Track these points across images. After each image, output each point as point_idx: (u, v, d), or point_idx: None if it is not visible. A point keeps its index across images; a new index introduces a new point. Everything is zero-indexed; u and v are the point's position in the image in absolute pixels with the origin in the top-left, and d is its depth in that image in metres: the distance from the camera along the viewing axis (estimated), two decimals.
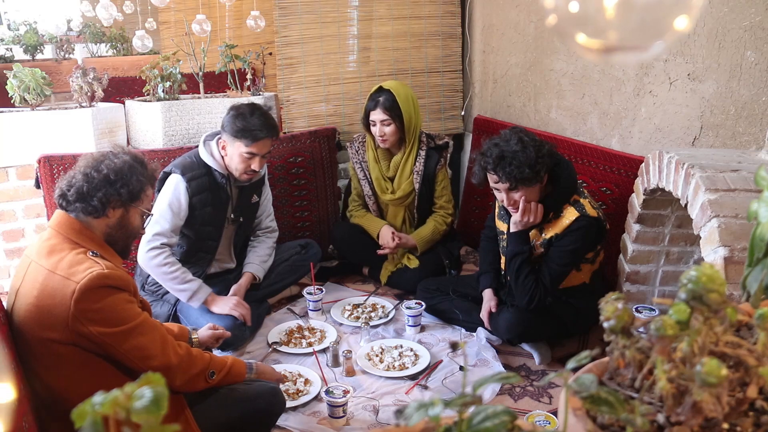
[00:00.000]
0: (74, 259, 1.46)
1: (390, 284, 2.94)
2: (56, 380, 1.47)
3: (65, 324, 1.41)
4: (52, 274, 1.44)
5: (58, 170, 2.65)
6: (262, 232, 2.75)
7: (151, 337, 1.51)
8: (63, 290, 1.41)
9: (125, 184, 1.57)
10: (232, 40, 3.39)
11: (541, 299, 2.16)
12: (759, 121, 1.88)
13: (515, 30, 3.22)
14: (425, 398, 1.35)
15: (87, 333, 1.42)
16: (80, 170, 1.57)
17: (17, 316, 1.48)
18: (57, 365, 1.46)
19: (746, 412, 0.58)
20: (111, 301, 1.45)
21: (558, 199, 2.14)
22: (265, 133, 2.36)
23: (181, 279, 2.31)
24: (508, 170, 2.03)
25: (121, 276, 1.48)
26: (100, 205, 1.54)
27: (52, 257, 1.47)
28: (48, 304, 1.42)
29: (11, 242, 2.95)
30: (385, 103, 2.78)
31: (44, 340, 1.44)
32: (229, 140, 2.38)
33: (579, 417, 0.57)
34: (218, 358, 1.70)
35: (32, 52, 4.75)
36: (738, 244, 1.42)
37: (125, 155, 1.62)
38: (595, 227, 2.12)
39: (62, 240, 1.51)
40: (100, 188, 1.54)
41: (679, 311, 0.57)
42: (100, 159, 1.60)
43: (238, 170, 2.41)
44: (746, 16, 1.89)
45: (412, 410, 0.50)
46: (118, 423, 0.41)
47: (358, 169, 3.01)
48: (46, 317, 1.42)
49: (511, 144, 2.04)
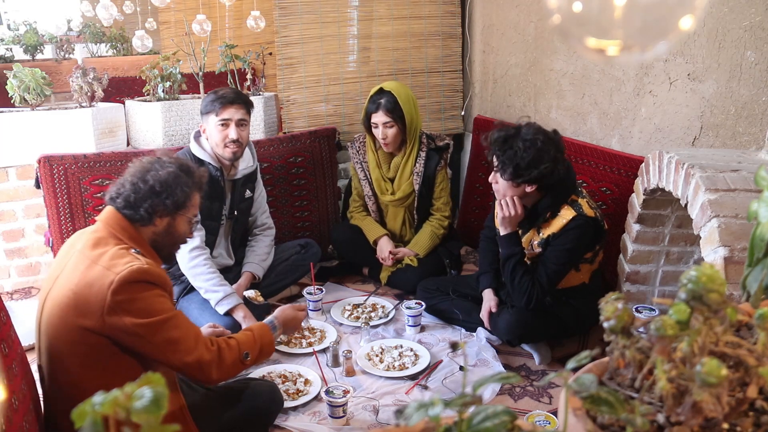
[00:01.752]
0: (117, 253, 1.50)
1: (390, 284, 2.94)
2: (82, 369, 1.48)
3: (100, 314, 1.43)
4: (94, 264, 1.47)
5: (58, 170, 2.65)
6: (259, 230, 2.75)
7: (184, 331, 1.52)
8: (102, 280, 1.44)
9: (170, 195, 1.60)
10: (232, 40, 3.39)
11: (539, 299, 2.16)
12: (759, 121, 1.88)
13: (515, 30, 3.22)
14: (425, 398, 1.35)
15: (121, 324, 1.44)
16: (128, 179, 1.62)
17: (53, 302, 1.50)
18: (86, 354, 1.48)
19: (746, 412, 0.58)
20: (146, 295, 1.47)
21: (556, 199, 2.14)
22: (233, 97, 2.42)
23: (216, 282, 2.34)
24: (501, 158, 2.07)
25: (159, 274, 1.52)
26: (146, 215, 1.59)
27: (96, 249, 1.51)
28: (86, 292, 1.45)
29: (11, 242, 2.95)
30: (386, 105, 2.77)
31: (78, 327, 1.46)
32: (205, 119, 2.44)
33: (579, 417, 0.57)
34: (245, 337, 1.69)
35: (32, 52, 4.75)
36: (738, 244, 1.42)
37: (171, 165, 1.64)
38: (591, 227, 2.12)
39: (108, 235, 1.55)
40: (146, 199, 1.58)
41: (679, 311, 0.57)
42: (147, 168, 1.63)
43: (219, 145, 2.43)
44: (746, 16, 1.89)
45: (412, 410, 0.50)
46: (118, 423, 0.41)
47: (359, 169, 3.01)
48: (82, 304, 1.45)
49: (523, 136, 2.05)
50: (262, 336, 1.72)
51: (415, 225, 3.03)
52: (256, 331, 1.73)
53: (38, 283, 3.04)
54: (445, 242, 3.00)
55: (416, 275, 2.81)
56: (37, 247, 2.99)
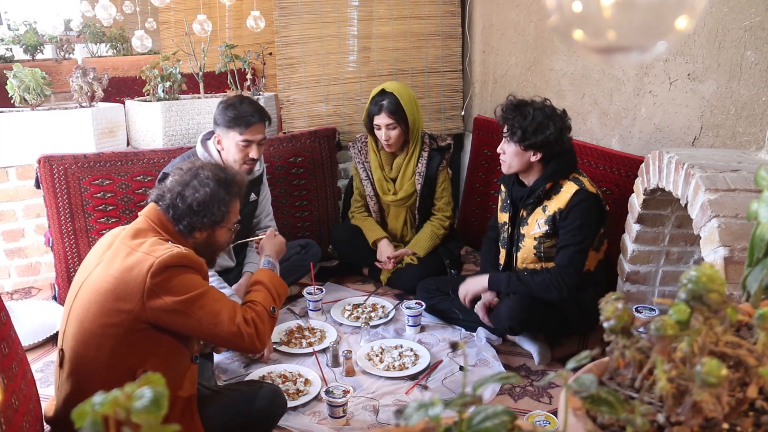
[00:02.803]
0: (156, 241, 1.55)
1: (390, 284, 2.94)
2: (117, 350, 1.50)
3: (140, 297, 1.47)
4: (134, 251, 1.52)
5: (58, 170, 2.65)
6: (262, 231, 2.75)
7: (223, 303, 1.57)
8: (142, 263, 1.48)
9: (208, 214, 1.64)
10: (232, 40, 3.39)
11: (567, 283, 2.14)
12: (759, 121, 1.88)
13: (515, 30, 3.22)
14: (425, 398, 1.35)
15: (161, 305, 1.48)
16: (168, 191, 1.64)
17: (91, 287, 1.53)
18: (124, 335, 1.50)
19: (746, 412, 0.58)
20: (184, 277, 1.52)
21: (557, 169, 2.18)
22: (258, 117, 2.40)
23: (215, 284, 2.34)
24: (510, 121, 2.17)
25: (198, 260, 1.57)
26: (186, 231, 1.64)
27: (137, 239, 1.56)
28: (126, 276, 1.49)
29: (11, 242, 2.95)
30: (389, 106, 2.76)
31: (117, 311, 1.49)
32: (224, 132, 2.40)
33: (579, 417, 0.57)
34: (263, 295, 1.74)
35: (32, 52, 4.75)
36: (738, 244, 1.42)
37: (209, 181, 1.66)
38: (595, 203, 2.15)
39: (149, 227, 1.60)
40: (185, 217, 1.63)
41: (679, 311, 0.57)
42: (186, 181, 1.65)
43: (237, 161, 2.42)
44: (746, 16, 1.89)
45: (412, 410, 0.50)
46: (118, 423, 0.41)
47: (361, 169, 3.00)
48: (122, 288, 1.48)
49: (534, 105, 2.17)
50: (274, 285, 1.79)
51: (416, 225, 3.03)
52: (267, 282, 1.79)
53: (38, 283, 3.04)
54: (445, 242, 3.00)
55: (416, 275, 2.80)
56: (37, 247, 2.99)
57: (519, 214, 2.30)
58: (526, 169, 2.22)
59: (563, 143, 2.16)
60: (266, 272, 1.85)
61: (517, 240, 2.32)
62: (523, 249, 2.30)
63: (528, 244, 2.27)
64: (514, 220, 2.33)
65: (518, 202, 2.29)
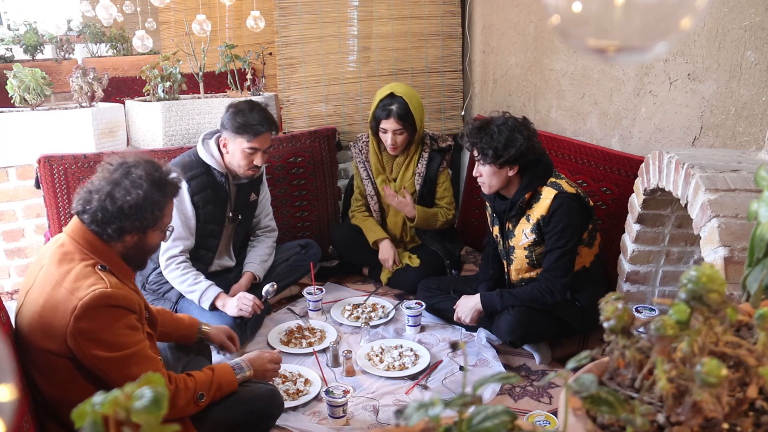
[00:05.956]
0: (81, 272, 1.45)
1: (390, 284, 2.94)
2: (51, 389, 1.48)
3: (63, 338, 1.41)
4: (59, 285, 1.44)
5: (58, 170, 2.65)
6: (262, 231, 2.76)
7: (145, 368, 1.47)
8: (65, 304, 1.41)
9: (140, 217, 1.54)
10: (232, 40, 3.39)
11: (556, 287, 2.15)
12: (759, 121, 1.88)
13: (515, 30, 3.22)
14: (425, 398, 1.35)
15: (83, 351, 1.42)
16: (95, 194, 1.53)
17: (22, 322, 1.49)
18: (53, 375, 1.47)
19: (746, 412, 0.58)
20: (111, 323, 1.44)
21: (533, 178, 2.18)
22: (266, 127, 2.39)
23: (191, 282, 2.37)
24: (478, 145, 2.16)
25: (124, 296, 1.47)
26: (115, 235, 1.53)
27: (62, 266, 1.47)
28: (50, 316, 1.43)
29: (11, 242, 2.95)
30: (398, 112, 2.73)
31: (43, 350, 1.45)
32: (231, 137, 2.39)
33: (579, 417, 0.57)
34: (204, 377, 1.64)
35: (32, 52, 4.74)
36: (738, 244, 1.42)
37: (141, 182, 1.54)
38: (575, 202, 2.15)
39: (75, 249, 1.50)
40: (114, 221, 1.51)
41: (679, 311, 0.57)
42: (116, 181, 1.54)
43: (241, 167, 2.41)
44: (746, 16, 1.89)
45: (412, 410, 0.50)
46: (118, 423, 0.41)
47: (362, 168, 3.00)
48: (47, 328, 1.43)
49: (496, 122, 2.15)
50: (221, 377, 1.67)
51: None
52: (217, 372, 1.68)
53: None
54: (445, 243, 2.99)
55: (416, 275, 2.80)
56: (37, 247, 2.99)
57: (505, 227, 2.31)
58: (506, 185, 2.23)
59: (535, 150, 2.16)
60: (225, 369, 1.71)
61: (508, 253, 2.33)
62: (515, 261, 2.31)
63: (519, 254, 2.28)
64: (502, 233, 2.34)
65: (502, 215, 2.30)
